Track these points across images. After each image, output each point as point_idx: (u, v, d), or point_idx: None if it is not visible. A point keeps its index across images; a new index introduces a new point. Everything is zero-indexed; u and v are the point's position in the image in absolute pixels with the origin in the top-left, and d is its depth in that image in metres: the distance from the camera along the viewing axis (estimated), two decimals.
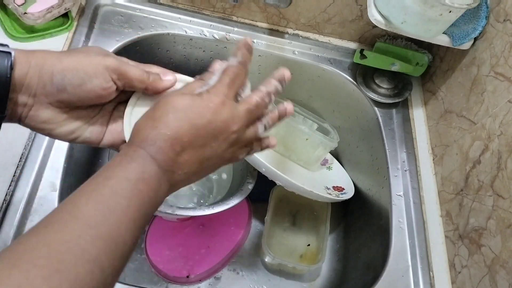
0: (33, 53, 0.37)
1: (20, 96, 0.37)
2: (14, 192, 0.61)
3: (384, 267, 0.68)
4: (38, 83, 0.37)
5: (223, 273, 0.85)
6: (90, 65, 0.37)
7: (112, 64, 0.38)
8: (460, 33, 0.71)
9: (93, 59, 0.38)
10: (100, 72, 0.38)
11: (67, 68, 0.37)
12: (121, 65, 0.39)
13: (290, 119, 0.86)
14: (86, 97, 0.39)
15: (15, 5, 0.73)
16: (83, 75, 0.37)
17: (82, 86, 0.38)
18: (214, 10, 0.89)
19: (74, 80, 0.37)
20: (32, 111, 0.38)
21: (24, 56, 0.36)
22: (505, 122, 0.61)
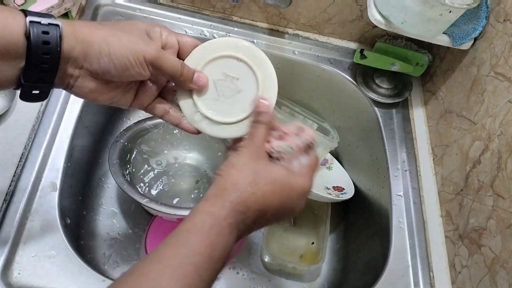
0: (78, 26, 0.38)
1: (69, 67, 0.39)
2: (14, 192, 0.61)
3: (384, 267, 0.68)
4: (85, 59, 0.38)
5: (223, 273, 0.85)
6: (133, 54, 0.39)
7: (151, 57, 0.40)
8: (460, 33, 0.71)
9: (137, 47, 0.39)
10: (140, 61, 0.40)
11: (113, 53, 0.39)
12: (158, 59, 0.41)
13: (290, 119, 0.86)
14: (125, 78, 0.41)
15: (15, 5, 0.73)
16: (127, 62, 0.39)
17: (125, 71, 0.40)
18: (214, 10, 0.89)
19: (118, 66, 0.39)
20: (79, 82, 0.40)
21: (70, 28, 0.38)
22: (505, 122, 0.61)
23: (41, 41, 0.36)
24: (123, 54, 0.39)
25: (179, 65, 0.42)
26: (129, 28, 0.41)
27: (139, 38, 0.41)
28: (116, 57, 0.39)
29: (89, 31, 0.38)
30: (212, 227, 0.34)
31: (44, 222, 0.61)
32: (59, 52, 0.37)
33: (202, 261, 0.33)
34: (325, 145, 0.86)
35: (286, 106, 0.91)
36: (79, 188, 0.78)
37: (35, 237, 0.60)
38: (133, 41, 0.40)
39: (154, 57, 0.40)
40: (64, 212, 0.65)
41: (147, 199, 0.69)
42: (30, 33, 0.35)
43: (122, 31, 0.40)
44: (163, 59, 0.41)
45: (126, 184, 0.71)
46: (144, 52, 0.40)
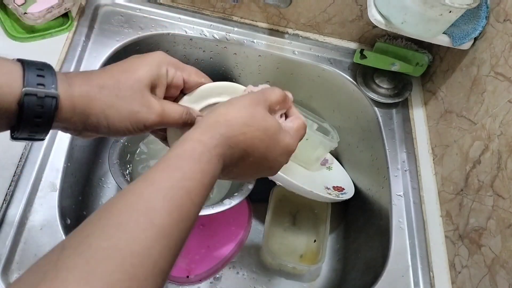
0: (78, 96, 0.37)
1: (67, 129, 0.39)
2: (14, 192, 0.61)
3: (384, 267, 0.68)
4: (84, 127, 0.39)
5: (223, 273, 0.85)
6: (133, 124, 0.40)
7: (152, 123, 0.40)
8: (460, 33, 0.71)
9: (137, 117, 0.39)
10: (141, 128, 0.40)
11: (112, 125, 0.39)
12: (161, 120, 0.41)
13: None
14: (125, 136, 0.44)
15: (15, 5, 0.73)
16: (125, 131, 0.40)
17: (126, 133, 0.41)
18: (214, 10, 0.89)
19: (117, 134, 0.40)
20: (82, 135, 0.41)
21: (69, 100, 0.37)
22: (505, 122, 0.61)
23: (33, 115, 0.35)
24: (121, 125, 0.39)
25: (182, 114, 0.42)
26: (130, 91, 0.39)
27: (139, 105, 0.40)
28: (114, 127, 0.39)
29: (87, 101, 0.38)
30: (202, 154, 0.35)
31: (44, 222, 0.61)
32: (51, 121, 0.36)
33: (193, 186, 0.33)
34: (325, 145, 0.86)
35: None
36: (79, 188, 0.78)
37: (35, 237, 0.60)
38: (134, 112, 0.39)
39: (156, 123, 0.41)
40: (64, 212, 0.65)
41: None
42: (24, 105, 0.35)
43: (122, 98, 0.39)
44: (166, 119, 0.41)
45: (126, 184, 0.71)
46: (145, 121, 0.40)
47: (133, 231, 0.29)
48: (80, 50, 0.78)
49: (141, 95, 0.40)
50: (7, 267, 0.56)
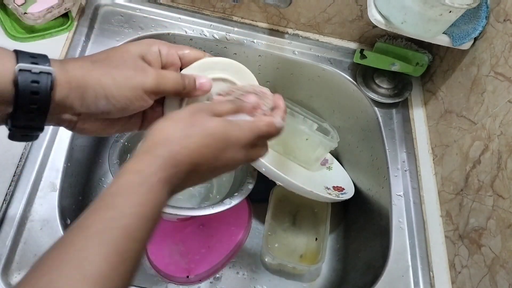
0: (71, 70, 0.37)
1: (65, 114, 0.38)
2: (14, 192, 0.61)
3: (384, 267, 0.68)
4: (81, 105, 0.37)
5: (223, 273, 0.85)
6: (130, 90, 0.38)
7: (150, 86, 0.39)
8: (460, 33, 0.71)
9: (133, 82, 0.38)
10: (140, 96, 0.39)
11: (110, 95, 0.38)
12: (158, 85, 0.39)
13: (290, 119, 0.86)
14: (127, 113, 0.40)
15: (15, 5, 0.73)
16: (126, 100, 0.38)
17: (125, 109, 0.39)
18: (214, 10, 0.89)
19: (118, 106, 0.38)
20: (78, 125, 0.39)
21: (64, 76, 0.36)
22: (505, 122, 0.61)
23: (29, 91, 0.34)
24: (120, 94, 0.38)
25: (180, 79, 0.41)
26: (121, 60, 0.39)
27: (133, 70, 0.39)
28: (113, 98, 0.38)
29: (82, 74, 0.37)
30: (140, 185, 0.32)
31: (44, 222, 0.61)
32: (48, 102, 0.35)
33: (131, 222, 0.30)
34: (325, 145, 0.86)
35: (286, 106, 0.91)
36: (79, 188, 0.78)
37: (35, 237, 0.60)
38: (128, 76, 0.38)
39: (154, 86, 0.39)
40: (64, 212, 0.65)
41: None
42: (18, 82, 0.34)
43: (115, 67, 0.38)
44: (164, 83, 0.40)
45: None
46: (142, 85, 0.38)
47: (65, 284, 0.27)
48: (80, 50, 0.78)
49: (133, 62, 0.40)
50: (7, 267, 0.56)
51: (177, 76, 0.41)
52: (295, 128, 0.85)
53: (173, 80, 0.41)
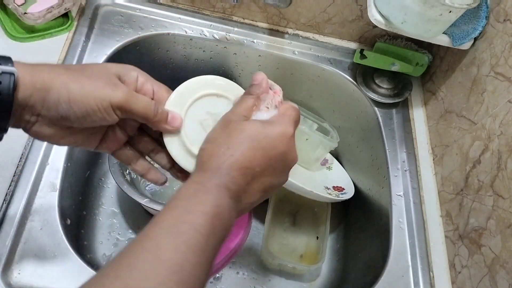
0: (38, 72, 0.36)
1: (25, 114, 0.37)
2: (14, 192, 0.61)
3: (384, 267, 0.68)
4: (42, 106, 0.36)
5: (223, 273, 0.85)
6: (96, 100, 0.37)
7: (119, 101, 0.38)
8: (460, 33, 0.71)
9: (101, 93, 0.37)
10: (105, 107, 0.37)
11: (73, 100, 0.36)
12: (128, 102, 0.38)
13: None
14: (87, 124, 0.39)
15: (15, 5, 0.73)
16: (88, 109, 0.37)
17: (86, 118, 0.38)
18: (214, 10, 0.89)
19: (78, 113, 0.37)
20: (35, 127, 0.38)
21: (29, 75, 0.36)
22: (505, 122, 0.61)
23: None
24: (84, 101, 0.37)
25: (152, 105, 0.40)
26: (97, 73, 0.39)
27: (106, 83, 0.38)
28: (76, 103, 0.36)
29: (49, 77, 0.36)
30: (197, 191, 0.35)
31: (44, 222, 0.61)
32: (11, 102, 0.34)
33: (194, 217, 0.33)
34: (325, 145, 0.86)
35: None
36: (79, 188, 0.78)
37: (35, 237, 0.60)
38: (98, 87, 0.37)
39: (122, 101, 0.38)
40: (64, 212, 0.65)
41: (147, 199, 0.69)
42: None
43: (88, 76, 0.38)
44: (134, 102, 0.39)
45: (126, 184, 0.71)
46: (110, 97, 0.37)
47: (143, 269, 0.29)
48: (80, 50, 0.78)
49: (108, 77, 0.39)
50: (7, 267, 0.56)
51: (150, 101, 0.40)
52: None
53: (144, 103, 0.40)
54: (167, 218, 0.33)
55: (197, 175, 0.37)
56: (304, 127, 0.86)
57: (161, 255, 0.30)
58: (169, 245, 0.31)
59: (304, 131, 0.85)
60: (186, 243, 0.31)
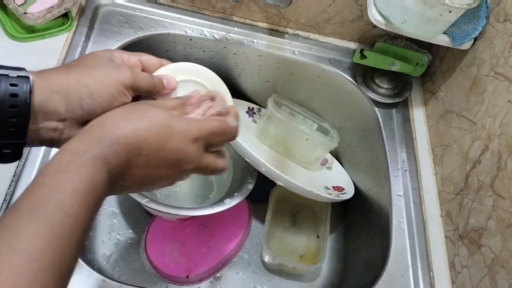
0: (49, 76, 0.37)
1: (48, 122, 0.36)
2: (14, 192, 0.61)
3: (384, 267, 0.68)
4: (67, 109, 0.36)
5: (223, 273, 0.85)
6: (112, 85, 0.38)
7: (128, 81, 0.39)
8: (460, 33, 0.71)
9: (113, 78, 0.38)
10: (121, 90, 0.39)
11: (94, 92, 0.37)
12: (135, 79, 0.40)
13: (290, 119, 0.86)
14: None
15: (15, 5, 0.73)
16: (110, 96, 0.38)
17: (110, 106, 0.38)
18: (214, 10, 0.89)
19: (103, 103, 0.37)
20: (65, 134, 0.38)
21: (43, 79, 0.36)
22: (505, 122, 0.61)
23: (8, 94, 0.33)
24: (103, 90, 0.37)
25: (150, 78, 0.42)
26: (95, 61, 0.40)
27: (110, 68, 0.39)
28: (98, 95, 0.37)
29: (61, 78, 0.37)
30: (69, 162, 0.32)
31: None
32: (28, 105, 0.34)
33: (63, 197, 0.30)
34: (325, 145, 0.86)
35: (286, 106, 0.91)
36: None
37: None
38: (108, 73, 0.38)
39: (132, 81, 0.39)
40: None
41: (147, 199, 0.69)
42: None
43: (92, 67, 0.39)
44: (139, 79, 0.40)
45: None
46: (122, 80, 0.39)
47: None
48: (80, 50, 0.78)
49: (107, 63, 0.40)
50: None
51: (148, 75, 0.42)
52: (295, 128, 0.85)
53: (146, 78, 0.41)
54: (30, 200, 0.30)
55: (75, 142, 0.33)
56: (304, 127, 0.86)
57: (17, 244, 0.27)
58: (29, 231, 0.28)
59: (304, 131, 0.85)
60: (49, 226, 0.28)
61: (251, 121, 0.94)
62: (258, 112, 0.95)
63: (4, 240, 0.28)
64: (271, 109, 0.84)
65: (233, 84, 0.97)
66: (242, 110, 0.93)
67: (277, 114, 0.84)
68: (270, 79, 0.93)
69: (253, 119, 0.94)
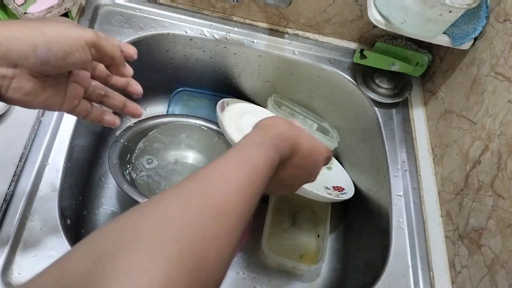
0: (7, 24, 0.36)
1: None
2: (14, 192, 0.61)
3: (384, 267, 0.68)
4: (19, 56, 0.36)
5: None
6: (72, 38, 0.38)
7: (92, 38, 0.39)
8: (460, 33, 0.71)
9: (74, 32, 0.38)
10: (81, 45, 0.38)
11: (51, 40, 0.37)
12: (99, 40, 0.40)
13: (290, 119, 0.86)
14: (65, 68, 0.39)
15: (15, 5, 0.73)
16: (67, 48, 0.37)
17: (65, 58, 0.38)
18: (214, 10, 0.89)
19: (59, 53, 0.37)
20: (14, 83, 0.38)
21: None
22: (505, 122, 0.61)
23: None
24: (61, 40, 0.37)
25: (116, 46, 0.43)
26: (59, 19, 0.40)
27: (73, 25, 0.39)
28: (55, 44, 0.37)
29: (17, 26, 0.36)
30: (261, 142, 0.41)
31: (44, 222, 0.61)
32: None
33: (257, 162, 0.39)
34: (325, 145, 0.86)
35: (286, 106, 0.91)
36: (79, 188, 0.78)
37: (35, 237, 0.60)
38: (69, 27, 0.38)
39: (95, 39, 0.39)
40: (64, 212, 0.65)
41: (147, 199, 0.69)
42: None
43: (54, 21, 0.39)
44: (104, 41, 0.41)
45: (126, 184, 0.71)
46: (84, 36, 0.38)
47: (216, 183, 0.34)
48: None
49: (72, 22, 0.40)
50: (7, 267, 0.56)
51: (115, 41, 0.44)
52: None
53: (111, 43, 0.42)
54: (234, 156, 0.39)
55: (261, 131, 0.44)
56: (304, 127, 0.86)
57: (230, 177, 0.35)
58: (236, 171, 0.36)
59: None
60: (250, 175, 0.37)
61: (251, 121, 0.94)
62: None
63: (221, 173, 0.36)
64: (271, 109, 0.84)
65: (233, 84, 0.97)
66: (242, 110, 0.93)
67: (277, 114, 0.84)
68: (270, 79, 0.93)
69: None
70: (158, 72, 0.93)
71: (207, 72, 0.95)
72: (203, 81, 0.97)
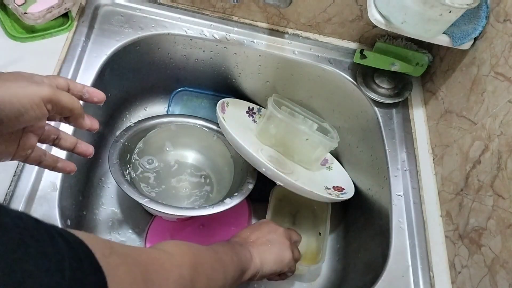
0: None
1: None
2: (14, 192, 0.61)
3: (384, 267, 0.68)
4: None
5: None
6: (26, 97, 0.37)
7: (47, 94, 0.38)
8: (460, 33, 0.71)
9: (28, 90, 0.37)
10: (36, 103, 0.38)
11: (3, 102, 0.36)
12: (55, 94, 0.39)
13: (290, 119, 0.86)
14: (18, 126, 0.39)
15: (15, 5, 0.73)
16: (20, 107, 0.37)
17: (19, 118, 0.37)
18: (214, 10, 0.89)
19: (11, 113, 0.37)
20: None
21: None
22: (505, 122, 0.61)
23: None
24: (14, 101, 0.36)
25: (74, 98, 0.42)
26: (12, 77, 0.39)
27: (28, 82, 0.38)
28: (6, 105, 0.36)
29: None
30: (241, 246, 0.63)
31: None
32: None
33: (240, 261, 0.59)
34: (325, 145, 0.86)
35: (286, 106, 0.91)
36: (79, 188, 0.78)
37: None
38: (23, 86, 0.37)
39: (51, 94, 0.38)
40: (64, 212, 0.65)
41: (147, 199, 0.69)
42: None
43: (7, 80, 0.38)
44: (60, 94, 0.40)
45: (126, 184, 0.71)
46: (40, 93, 0.38)
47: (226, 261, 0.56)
48: (80, 50, 0.78)
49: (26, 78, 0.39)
50: None
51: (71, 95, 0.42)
52: (295, 128, 0.85)
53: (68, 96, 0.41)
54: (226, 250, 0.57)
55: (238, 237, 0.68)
56: (304, 127, 0.86)
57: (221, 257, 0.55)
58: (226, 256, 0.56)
59: (304, 131, 0.85)
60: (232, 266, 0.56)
61: (251, 121, 0.94)
62: (258, 112, 0.95)
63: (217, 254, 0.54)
64: (271, 109, 0.84)
65: (233, 84, 0.97)
66: (242, 110, 0.93)
67: (277, 114, 0.84)
68: (270, 79, 0.93)
69: (253, 119, 0.94)
70: (158, 72, 0.93)
71: (207, 72, 0.95)
72: (203, 81, 0.97)
